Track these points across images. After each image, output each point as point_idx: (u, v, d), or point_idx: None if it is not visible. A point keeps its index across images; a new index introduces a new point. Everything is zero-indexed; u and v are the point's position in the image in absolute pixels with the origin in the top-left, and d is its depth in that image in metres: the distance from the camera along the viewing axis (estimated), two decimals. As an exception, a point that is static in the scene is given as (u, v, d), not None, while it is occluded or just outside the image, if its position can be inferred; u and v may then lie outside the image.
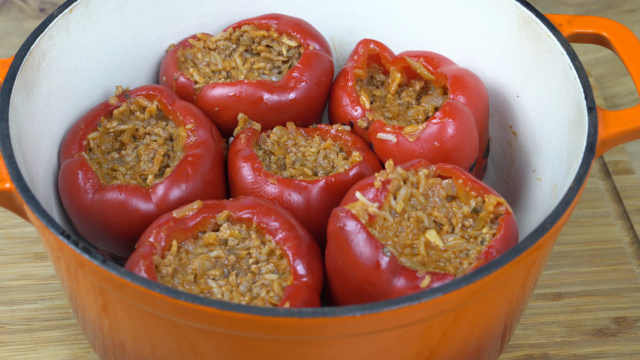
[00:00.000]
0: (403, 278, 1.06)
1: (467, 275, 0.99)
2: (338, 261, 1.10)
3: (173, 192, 1.20)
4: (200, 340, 1.01)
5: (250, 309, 0.96)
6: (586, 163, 1.10)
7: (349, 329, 0.97)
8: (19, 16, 1.81)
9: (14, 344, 1.30)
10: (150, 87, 1.30)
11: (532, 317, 1.34)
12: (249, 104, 1.28)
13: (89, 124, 1.27)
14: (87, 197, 1.21)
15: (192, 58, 1.35)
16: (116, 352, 1.12)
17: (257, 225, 1.15)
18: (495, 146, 1.39)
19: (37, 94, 1.22)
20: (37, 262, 1.40)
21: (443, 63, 1.30)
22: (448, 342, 1.05)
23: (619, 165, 1.52)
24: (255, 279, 1.12)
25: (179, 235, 1.15)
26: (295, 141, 1.27)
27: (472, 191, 1.15)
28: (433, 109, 1.29)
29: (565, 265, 1.40)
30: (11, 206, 1.10)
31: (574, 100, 1.19)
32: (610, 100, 1.66)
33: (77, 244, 1.01)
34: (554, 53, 1.23)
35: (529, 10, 1.26)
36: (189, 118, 1.26)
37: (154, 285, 0.97)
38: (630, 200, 1.47)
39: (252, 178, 1.20)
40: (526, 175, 1.32)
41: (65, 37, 1.26)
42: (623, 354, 1.30)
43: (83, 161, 1.22)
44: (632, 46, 1.21)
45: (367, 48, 1.32)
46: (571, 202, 1.06)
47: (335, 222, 1.10)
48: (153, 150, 1.26)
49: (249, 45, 1.37)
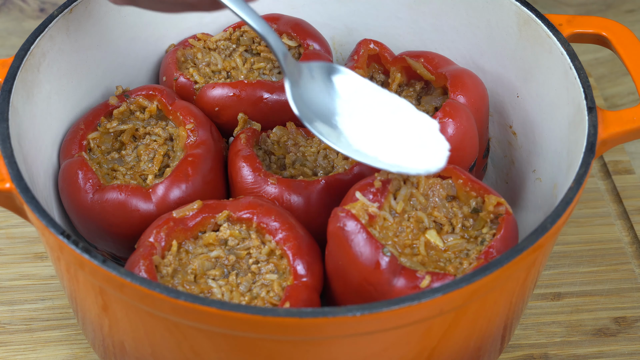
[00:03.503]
0: (403, 278, 1.06)
1: (467, 275, 0.99)
2: (338, 261, 1.10)
3: (173, 192, 1.20)
4: (200, 340, 1.01)
5: (250, 309, 0.96)
6: (586, 163, 1.10)
7: (349, 329, 0.97)
8: (19, 16, 1.81)
9: (14, 344, 1.30)
10: (150, 87, 1.30)
11: (532, 317, 1.34)
12: (249, 104, 1.28)
13: (89, 124, 1.27)
14: (87, 197, 1.21)
15: (192, 58, 1.35)
16: (116, 352, 1.12)
17: (257, 225, 1.15)
18: (495, 146, 1.39)
19: (37, 94, 1.22)
20: (37, 262, 1.40)
21: (443, 63, 1.30)
22: (448, 342, 1.05)
23: (619, 165, 1.52)
24: (255, 279, 1.12)
25: (179, 235, 1.15)
26: (295, 141, 1.27)
27: (472, 191, 1.15)
28: (433, 109, 1.29)
29: (565, 265, 1.40)
30: (11, 206, 1.10)
31: (574, 100, 1.19)
32: (610, 100, 1.66)
33: (77, 244, 1.01)
34: (554, 53, 1.23)
35: (529, 10, 1.26)
36: (189, 118, 1.26)
37: (154, 285, 0.97)
38: (630, 200, 1.47)
39: (252, 178, 1.20)
40: (526, 175, 1.32)
41: (65, 37, 1.26)
42: (623, 354, 1.30)
43: (83, 161, 1.22)
44: (632, 46, 1.21)
45: (367, 48, 1.32)
46: (571, 202, 1.06)
47: (335, 222, 1.10)
48: (153, 150, 1.26)
49: (249, 45, 1.37)
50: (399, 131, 1.11)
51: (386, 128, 1.12)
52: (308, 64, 1.15)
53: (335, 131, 1.12)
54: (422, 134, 1.12)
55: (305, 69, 1.14)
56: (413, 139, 1.11)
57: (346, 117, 1.12)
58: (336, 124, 1.12)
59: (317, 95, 1.14)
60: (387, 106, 1.14)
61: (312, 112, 1.12)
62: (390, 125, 1.12)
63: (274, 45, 1.11)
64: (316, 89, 1.14)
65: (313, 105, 1.13)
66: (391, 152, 1.10)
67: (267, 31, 1.11)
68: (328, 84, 1.15)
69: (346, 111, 1.13)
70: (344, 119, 1.12)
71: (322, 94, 1.14)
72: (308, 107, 1.12)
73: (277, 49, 1.12)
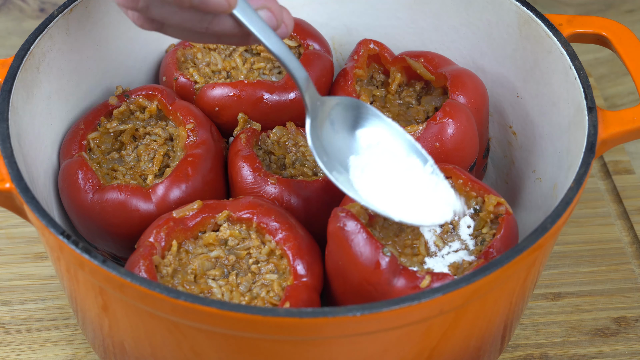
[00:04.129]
0: (403, 278, 1.06)
1: (467, 275, 0.99)
2: (338, 261, 1.10)
3: (173, 192, 1.20)
4: (200, 340, 1.01)
5: (250, 309, 0.96)
6: (586, 163, 1.10)
7: (349, 329, 0.97)
8: (19, 16, 1.81)
9: (14, 344, 1.30)
10: (150, 87, 1.30)
11: (532, 317, 1.34)
12: (249, 104, 1.28)
13: (89, 124, 1.27)
14: (87, 197, 1.21)
15: (192, 58, 1.35)
16: (116, 352, 1.12)
17: (257, 225, 1.15)
18: (495, 146, 1.39)
19: (37, 94, 1.22)
20: (37, 262, 1.40)
21: (443, 63, 1.30)
22: (448, 342, 1.05)
23: (619, 165, 1.52)
24: (255, 279, 1.12)
25: (179, 235, 1.15)
26: (295, 141, 1.27)
27: (472, 191, 1.15)
28: (433, 109, 1.29)
29: (565, 265, 1.40)
30: (11, 206, 1.10)
31: (574, 100, 1.19)
32: (610, 100, 1.66)
33: (77, 244, 1.01)
34: (554, 53, 1.23)
35: (529, 10, 1.26)
36: (189, 118, 1.26)
37: (154, 285, 0.97)
38: (630, 200, 1.47)
39: (252, 178, 1.20)
40: (526, 175, 1.32)
41: (65, 37, 1.26)
42: (623, 354, 1.30)
43: (83, 161, 1.22)
44: (632, 46, 1.21)
45: (367, 48, 1.32)
46: (571, 202, 1.06)
47: (335, 222, 1.10)
48: (153, 150, 1.26)
49: (249, 45, 1.37)
50: (409, 189, 1.11)
51: (397, 186, 1.11)
52: (332, 100, 1.14)
53: (347, 179, 1.11)
54: (431, 192, 1.12)
55: (328, 110, 1.13)
56: (422, 197, 1.11)
57: (358, 172, 1.12)
58: (347, 175, 1.12)
59: (334, 142, 1.13)
60: (401, 163, 1.13)
61: (328, 156, 1.12)
62: (402, 183, 1.11)
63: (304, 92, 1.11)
64: (335, 136, 1.13)
65: (329, 148, 1.13)
66: (399, 209, 1.10)
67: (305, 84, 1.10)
68: (349, 137, 1.14)
69: (360, 165, 1.12)
70: (356, 173, 1.12)
71: (340, 142, 1.13)
72: (325, 151, 1.12)
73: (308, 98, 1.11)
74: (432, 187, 1.12)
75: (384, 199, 1.10)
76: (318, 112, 1.12)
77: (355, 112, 1.15)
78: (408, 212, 1.09)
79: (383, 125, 1.15)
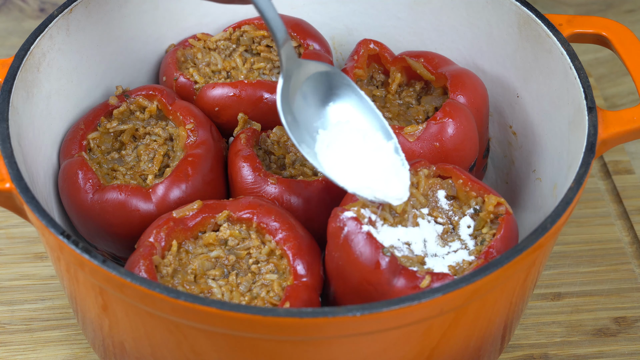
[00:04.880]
0: (403, 278, 1.06)
1: (467, 275, 0.99)
2: (338, 261, 1.10)
3: (173, 192, 1.20)
4: (200, 340, 1.01)
5: (250, 309, 0.96)
6: (586, 163, 1.10)
7: (349, 329, 0.97)
8: (19, 16, 1.81)
9: (14, 344, 1.30)
10: (150, 87, 1.30)
11: (532, 317, 1.34)
12: (249, 104, 1.28)
13: (89, 124, 1.27)
14: (87, 197, 1.21)
15: (192, 58, 1.35)
16: (116, 352, 1.12)
17: (257, 225, 1.15)
18: (495, 146, 1.39)
19: (37, 94, 1.22)
20: (37, 262, 1.40)
21: (443, 63, 1.30)
22: (448, 342, 1.05)
23: (619, 165, 1.52)
24: (255, 279, 1.12)
25: (179, 235, 1.15)
26: (295, 141, 1.27)
27: (472, 191, 1.15)
28: (433, 109, 1.29)
29: (565, 265, 1.40)
30: (11, 206, 1.10)
31: (574, 100, 1.19)
32: (610, 100, 1.66)
33: (77, 244, 1.01)
34: (554, 53, 1.23)
35: (529, 10, 1.26)
36: (189, 118, 1.26)
37: (154, 285, 0.97)
38: (630, 200, 1.47)
39: (252, 178, 1.20)
40: (526, 175, 1.32)
41: (65, 37, 1.26)
42: (623, 354, 1.30)
43: (83, 161, 1.22)
44: (632, 46, 1.21)
45: (367, 48, 1.32)
46: (571, 202, 1.06)
47: (335, 222, 1.10)
48: (153, 150, 1.26)
49: (249, 45, 1.37)
50: (369, 168, 1.12)
51: (358, 164, 1.12)
52: (310, 67, 1.15)
53: (311, 147, 1.12)
54: (390, 172, 1.12)
55: (303, 79, 1.14)
56: (381, 175, 1.11)
57: (324, 146, 1.13)
58: (313, 144, 1.13)
59: (304, 112, 1.14)
60: (367, 142, 1.13)
61: (297, 123, 1.13)
62: (363, 161, 1.12)
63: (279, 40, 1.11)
64: (305, 107, 1.14)
65: (299, 116, 1.13)
66: (356, 183, 1.10)
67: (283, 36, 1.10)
68: (320, 108, 1.15)
69: (326, 140, 1.13)
70: (322, 147, 1.13)
71: (309, 112, 1.14)
72: (294, 117, 1.13)
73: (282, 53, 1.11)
74: (392, 167, 1.12)
75: (344, 173, 1.11)
76: (292, 75, 1.12)
77: (329, 82, 1.16)
78: (365, 187, 1.10)
79: (355, 98, 1.16)
